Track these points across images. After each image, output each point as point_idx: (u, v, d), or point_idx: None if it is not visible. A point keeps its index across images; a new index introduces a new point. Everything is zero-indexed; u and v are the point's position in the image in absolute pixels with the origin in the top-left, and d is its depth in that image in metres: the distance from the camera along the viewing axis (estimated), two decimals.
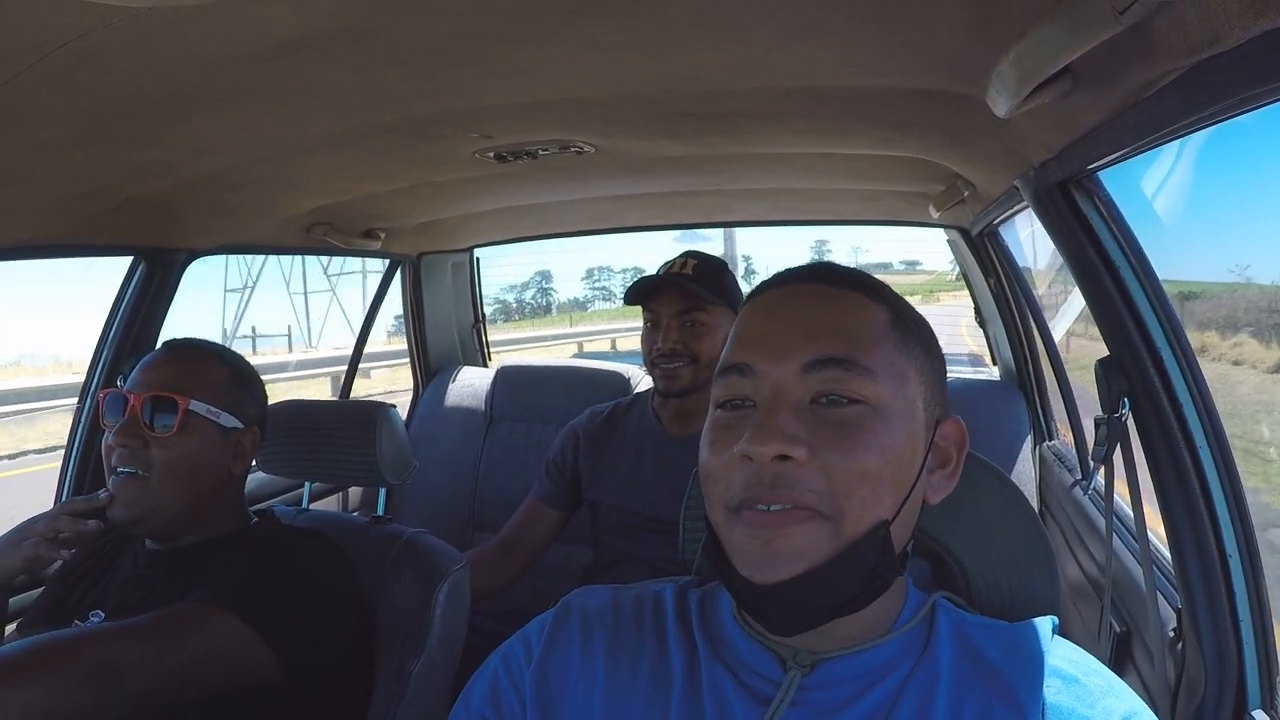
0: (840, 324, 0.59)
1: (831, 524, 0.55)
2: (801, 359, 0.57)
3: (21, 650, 0.83)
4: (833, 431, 0.56)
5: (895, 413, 0.58)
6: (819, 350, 0.57)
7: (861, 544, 0.56)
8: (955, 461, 0.64)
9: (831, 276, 0.63)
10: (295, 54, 0.83)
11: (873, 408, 0.57)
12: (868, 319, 0.60)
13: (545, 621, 0.69)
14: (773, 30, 0.84)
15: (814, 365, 0.57)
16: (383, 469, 1.31)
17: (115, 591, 1.09)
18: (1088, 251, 1.06)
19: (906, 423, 0.59)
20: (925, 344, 0.63)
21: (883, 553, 0.57)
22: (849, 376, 0.57)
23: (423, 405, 2.54)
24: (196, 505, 1.09)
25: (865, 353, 0.58)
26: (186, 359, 1.12)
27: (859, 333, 0.59)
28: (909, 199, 1.99)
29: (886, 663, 0.59)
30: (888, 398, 0.58)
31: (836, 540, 0.55)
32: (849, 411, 0.57)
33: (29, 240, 1.29)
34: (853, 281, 0.63)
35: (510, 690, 0.66)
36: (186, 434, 1.07)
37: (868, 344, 0.59)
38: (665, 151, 1.47)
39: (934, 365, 0.63)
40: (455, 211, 2.11)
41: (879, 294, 0.63)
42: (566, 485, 1.64)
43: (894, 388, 0.58)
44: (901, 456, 0.58)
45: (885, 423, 0.57)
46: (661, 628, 0.66)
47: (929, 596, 0.64)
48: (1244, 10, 0.50)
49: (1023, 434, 2.11)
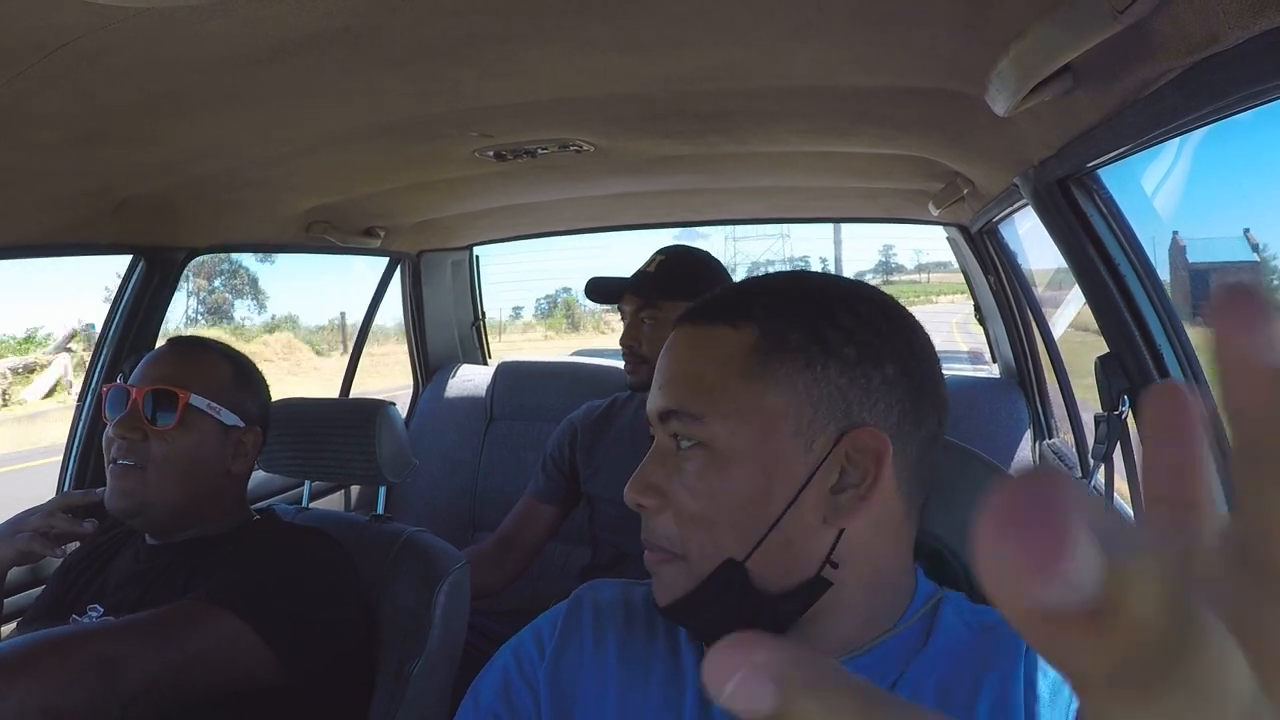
0: (684, 371, 0.60)
1: (685, 564, 0.59)
2: (658, 409, 0.61)
3: (20, 645, 0.83)
4: (678, 478, 0.59)
5: (734, 452, 0.57)
6: (665, 402, 0.60)
7: (710, 583, 0.58)
8: (869, 478, 0.57)
9: (705, 311, 0.62)
10: (295, 54, 0.83)
11: (708, 451, 0.58)
12: (713, 358, 0.59)
13: (558, 616, 0.69)
14: (772, 30, 0.84)
15: (665, 415, 0.60)
16: (383, 467, 1.31)
17: (114, 587, 1.09)
18: (1088, 249, 1.06)
19: (752, 460, 0.57)
20: (809, 359, 0.57)
21: (742, 590, 0.57)
22: (684, 424, 0.58)
23: (423, 403, 2.54)
24: (194, 501, 1.09)
25: (697, 397, 0.58)
26: (189, 354, 1.12)
27: (699, 375, 0.59)
28: (908, 197, 1.99)
29: (883, 665, 0.60)
30: (724, 439, 0.57)
31: (689, 579, 0.59)
32: (688, 456, 0.59)
33: (29, 239, 1.29)
34: (722, 312, 0.61)
35: (524, 687, 0.65)
36: (186, 428, 1.07)
37: (706, 386, 0.58)
38: (665, 150, 1.47)
39: (834, 374, 0.57)
40: (455, 210, 2.11)
41: (750, 317, 0.59)
42: (564, 480, 1.64)
43: (734, 427, 0.57)
44: (742, 497, 0.57)
45: (718, 466, 0.57)
46: (673, 629, 0.66)
47: (938, 591, 0.64)
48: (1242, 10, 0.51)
49: (1022, 432, 2.11)
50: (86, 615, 1.08)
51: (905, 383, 0.59)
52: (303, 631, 0.98)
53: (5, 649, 0.82)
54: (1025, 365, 2.14)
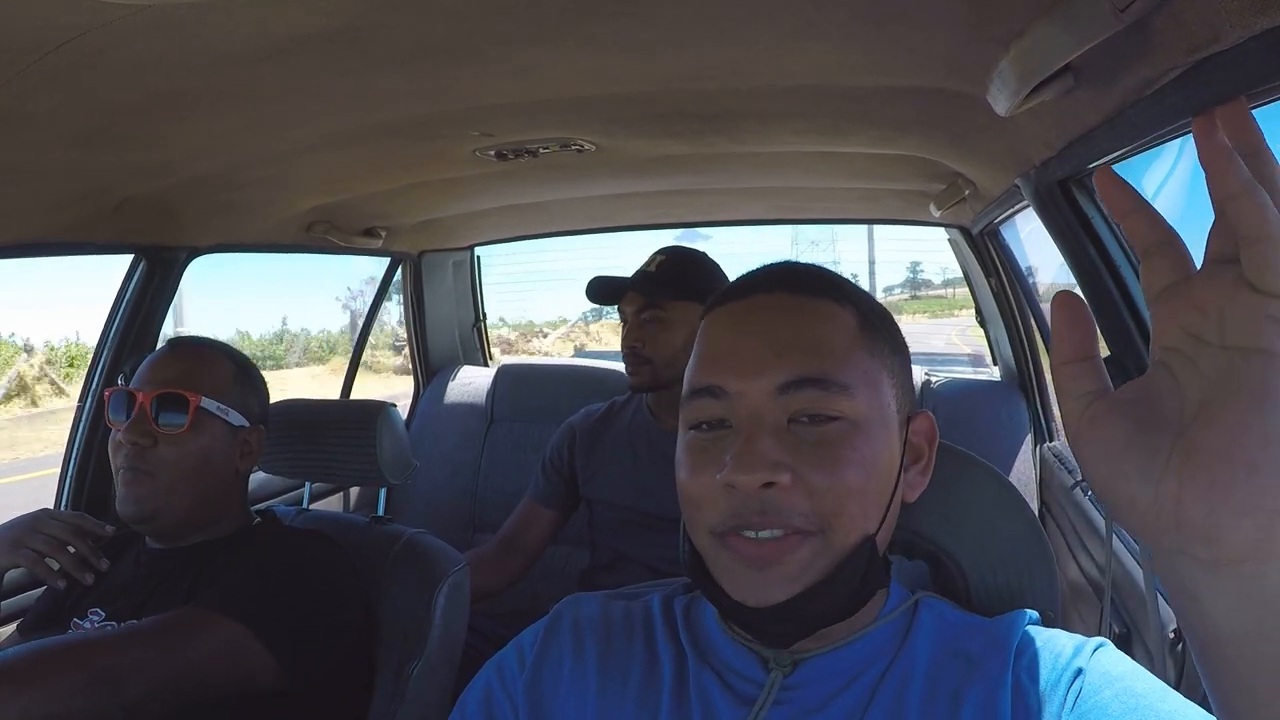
0: (811, 339, 0.58)
1: (822, 540, 0.55)
2: (775, 380, 0.56)
3: (24, 654, 0.83)
4: (813, 451, 0.55)
5: (873, 423, 0.57)
6: (793, 370, 0.56)
7: (851, 559, 0.56)
8: (928, 456, 0.63)
9: (796, 283, 0.61)
10: (295, 54, 0.83)
11: (851, 423, 0.56)
12: (837, 328, 0.59)
13: (538, 630, 0.70)
14: (772, 30, 0.84)
15: (789, 386, 0.56)
16: (383, 469, 1.31)
17: (117, 592, 1.09)
18: (1088, 250, 1.06)
19: (884, 430, 0.58)
20: (892, 341, 0.62)
21: (870, 563, 0.57)
22: (825, 395, 0.56)
23: (423, 404, 2.54)
24: (204, 504, 1.09)
25: (839, 368, 0.57)
26: (193, 356, 1.12)
27: (831, 347, 0.58)
28: (909, 198, 1.98)
29: (866, 658, 0.60)
30: (865, 409, 0.57)
31: (828, 558, 0.56)
32: (829, 429, 0.56)
33: (29, 239, 1.29)
34: (819, 287, 0.61)
35: (504, 699, 0.66)
36: (196, 432, 1.06)
37: (840, 357, 0.57)
38: (665, 150, 1.47)
39: (901, 361, 0.62)
40: (456, 210, 2.11)
41: (845, 295, 0.61)
42: (563, 484, 1.64)
43: (869, 398, 0.58)
44: (882, 467, 0.58)
45: (865, 436, 0.57)
46: (650, 635, 0.67)
47: (913, 593, 0.64)
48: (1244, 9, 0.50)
49: (1023, 434, 2.10)
50: (88, 619, 1.07)
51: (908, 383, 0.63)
52: (304, 636, 0.98)
53: (8, 658, 0.82)
54: (1026, 368, 2.14)
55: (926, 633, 0.61)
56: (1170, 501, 0.34)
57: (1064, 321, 0.39)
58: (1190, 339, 0.35)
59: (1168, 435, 0.35)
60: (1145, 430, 0.35)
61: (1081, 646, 0.56)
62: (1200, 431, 0.34)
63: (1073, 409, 0.38)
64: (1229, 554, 0.34)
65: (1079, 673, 0.54)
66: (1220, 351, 0.34)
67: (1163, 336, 0.36)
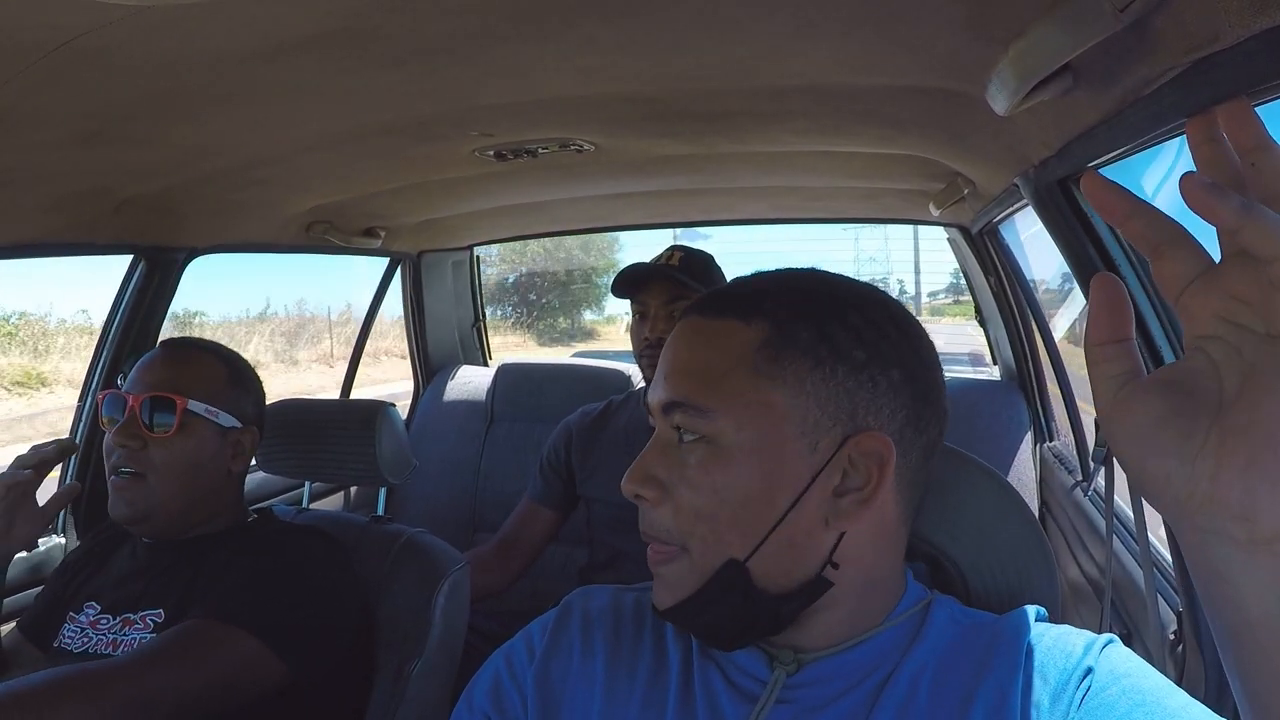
0: (690, 362, 0.59)
1: (687, 556, 0.58)
2: (661, 401, 0.60)
3: (50, 683, 0.83)
4: (680, 470, 0.58)
5: (738, 448, 0.56)
6: (669, 393, 0.59)
7: (713, 583, 0.57)
8: (872, 483, 0.57)
9: (710, 305, 0.61)
10: (295, 54, 0.83)
11: (712, 446, 0.57)
12: (722, 351, 0.58)
13: (548, 622, 0.70)
14: (772, 30, 0.84)
15: (668, 407, 0.59)
16: (383, 468, 1.31)
17: (112, 585, 1.10)
18: (1088, 249, 1.06)
19: (756, 458, 0.56)
20: (816, 359, 0.57)
21: (744, 591, 0.57)
22: (688, 418, 0.58)
23: (423, 404, 2.54)
24: (195, 504, 1.09)
25: (704, 390, 0.57)
26: (184, 358, 1.12)
27: (705, 370, 0.58)
28: (909, 197, 1.98)
29: (873, 660, 0.60)
30: (730, 434, 0.56)
31: (694, 575, 0.58)
32: (691, 450, 0.58)
33: (29, 239, 1.29)
34: (730, 307, 0.60)
35: (513, 689, 0.66)
36: (185, 434, 1.07)
37: (713, 380, 0.57)
38: (665, 150, 1.47)
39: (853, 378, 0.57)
40: (455, 210, 2.10)
41: (761, 313, 0.58)
42: (561, 483, 1.64)
43: (739, 421, 0.56)
44: (745, 494, 0.56)
45: (723, 461, 0.56)
46: (660, 629, 0.67)
47: (929, 593, 0.64)
48: (1243, 8, 0.50)
49: (1023, 434, 2.11)
50: (84, 613, 1.08)
51: (910, 389, 0.59)
52: (309, 637, 0.99)
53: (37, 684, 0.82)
54: (1026, 367, 2.14)
55: (937, 634, 0.61)
56: (1206, 480, 0.34)
57: (1100, 303, 0.39)
58: (1232, 327, 0.35)
59: (1205, 416, 0.35)
60: (1181, 411, 0.36)
61: (1091, 644, 0.56)
62: (1241, 412, 0.34)
63: (1105, 389, 0.38)
64: (1265, 533, 0.34)
65: (1089, 671, 0.54)
66: (1266, 339, 0.34)
67: (1198, 326, 0.36)
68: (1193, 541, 0.36)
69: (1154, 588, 1.02)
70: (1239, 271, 0.35)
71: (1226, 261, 0.36)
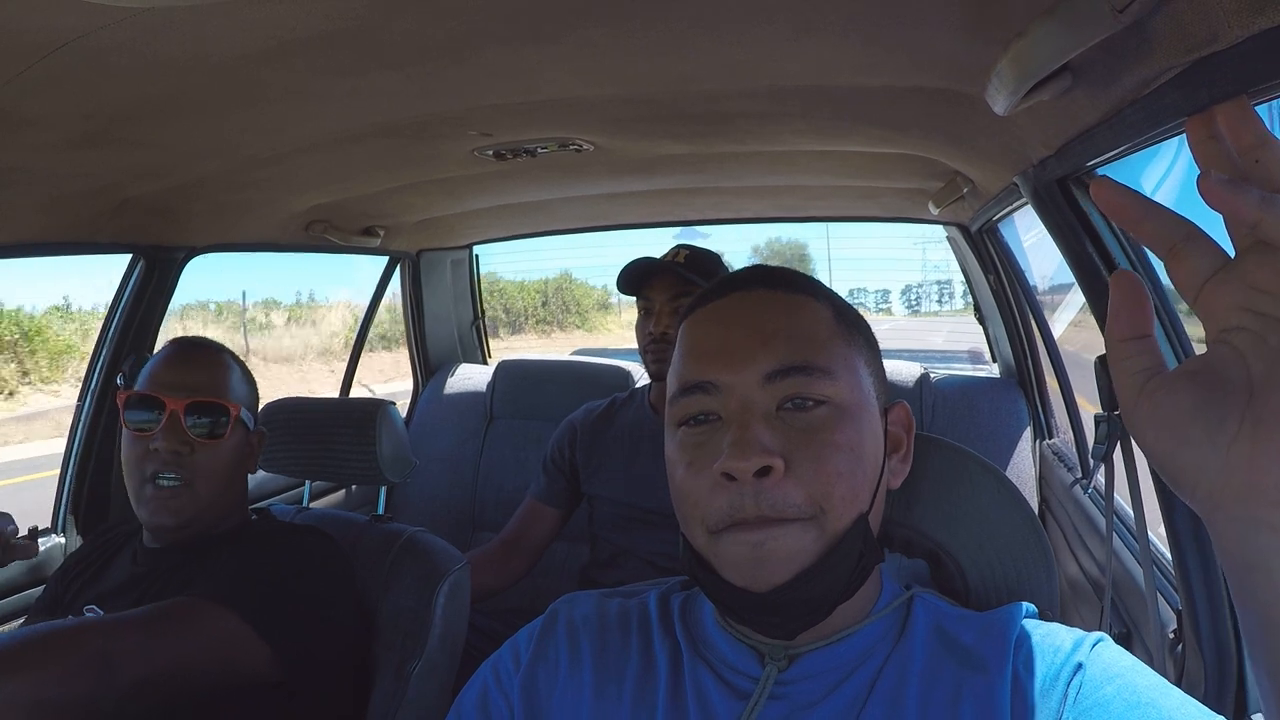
0: (792, 328, 0.60)
1: (816, 524, 0.56)
2: (763, 368, 0.58)
3: (15, 638, 0.82)
4: (802, 437, 0.57)
5: (855, 407, 0.60)
6: (778, 358, 0.58)
7: (846, 538, 0.57)
8: (906, 445, 0.66)
9: (775, 280, 0.64)
10: (294, 54, 0.83)
11: (836, 407, 0.59)
12: (815, 319, 0.62)
13: (534, 630, 0.70)
14: (772, 31, 0.84)
15: (775, 374, 0.58)
16: (383, 467, 1.31)
17: (113, 589, 1.09)
18: (1087, 248, 1.06)
19: (866, 415, 0.60)
20: (865, 336, 0.65)
21: (865, 542, 0.59)
22: (810, 380, 0.58)
23: (423, 403, 2.54)
24: (220, 507, 1.09)
25: (820, 354, 0.59)
26: (214, 361, 1.11)
27: (812, 334, 0.60)
28: (908, 196, 1.98)
29: (862, 653, 0.60)
30: (847, 395, 0.59)
31: (822, 539, 0.56)
32: (815, 415, 0.58)
33: (29, 239, 1.29)
34: (797, 284, 0.64)
35: (500, 698, 0.67)
36: (231, 439, 1.07)
37: (821, 345, 0.60)
38: (665, 150, 1.47)
39: (875, 356, 0.65)
40: (454, 209, 2.11)
41: (820, 293, 0.64)
42: (565, 481, 1.64)
43: (851, 384, 0.60)
44: (867, 449, 0.59)
45: (849, 420, 0.59)
46: (646, 632, 0.67)
47: (906, 589, 0.65)
48: (1242, 8, 0.50)
49: (1022, 431, 2.11)
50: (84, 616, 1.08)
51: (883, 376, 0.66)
52: (297, 625, 0.98)
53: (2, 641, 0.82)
54: (1025, 365, 2.14)
55: (922, 627, 0.61)
56: (1242, 468, 0.34)
57: (1120, 300, 0.39)
58: (1256, 316, 0.35)
59: (1236, 405, 0.35)
60: (1211, 401, 0.35)
61: (1081, 641, 0.56)
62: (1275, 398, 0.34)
63: (1128, 385, 0.38)
64: None
65: (1079, 668, 0.54)
66: None
67: (1220, 319, 0.36)
68: (1227, 533, 0.36)
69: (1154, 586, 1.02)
70: (1258, 262, 0.35)
71: (1243, 254, 0.36)
